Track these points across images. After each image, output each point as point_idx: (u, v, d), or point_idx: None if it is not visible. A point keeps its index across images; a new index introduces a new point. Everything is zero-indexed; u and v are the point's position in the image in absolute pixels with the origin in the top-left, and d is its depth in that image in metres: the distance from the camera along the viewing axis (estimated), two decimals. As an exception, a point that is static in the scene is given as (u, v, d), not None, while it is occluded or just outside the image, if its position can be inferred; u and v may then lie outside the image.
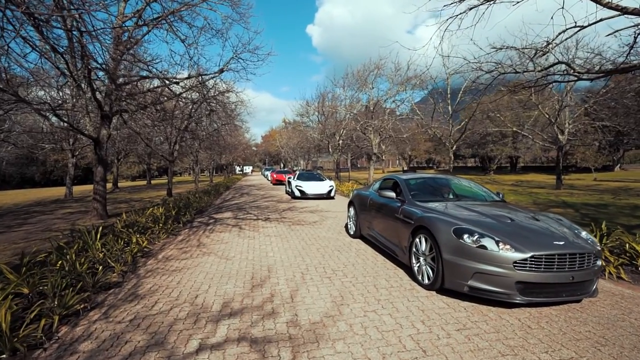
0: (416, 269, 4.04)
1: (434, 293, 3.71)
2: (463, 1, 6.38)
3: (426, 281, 3.82)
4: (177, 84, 10.72)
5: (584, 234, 3.63)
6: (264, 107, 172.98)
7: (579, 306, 3.36)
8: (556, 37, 6.50)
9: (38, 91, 13.37)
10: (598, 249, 3.37)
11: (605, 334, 2.80)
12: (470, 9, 6.50)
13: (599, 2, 5.49)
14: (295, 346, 2.64)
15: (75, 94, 12.94)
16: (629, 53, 6.05)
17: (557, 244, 3.21)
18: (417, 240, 4.02)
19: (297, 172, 17.93)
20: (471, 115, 17.44)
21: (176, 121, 15.54)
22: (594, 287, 3.28)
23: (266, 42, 58.62)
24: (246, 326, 2.99)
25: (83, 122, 15.45)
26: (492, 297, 3.21)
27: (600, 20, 5.83)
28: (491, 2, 6.36)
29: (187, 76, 10.66)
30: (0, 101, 8.14)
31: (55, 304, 3.26)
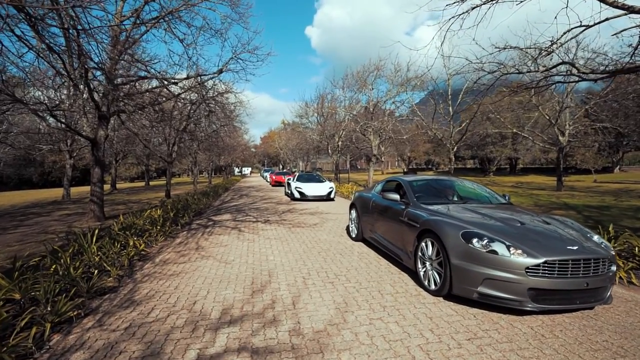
0: (422, 274, 3.91)
1: (441, 299, 3.58)
2: (465, 1, 6.30)
3: (433, 287, 3.68)
4: (176, 84, 10.62)
5: (596, 237, 3.50)
6: (263, 109, 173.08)
7: (593, 313, 3.23)
8: (561, 37, 6.41)
9: (35, 92, 13.22)
10: (612, 253, 3.25)
11: (623, 344, 2.67)
12: (472, 9, 6.41)
13: (604, 1, 5.41)
14: (298, 357, 2.51)
15: (72, 94, 12.83)
16: (633, 53, 5.97)
17: (571, 248, 3.09)
18: (423, 244, 3.89)
19: (297, 174, 17.79)
20: (472, 117, 17.34)
21: (175, 122, 15.42)
22: (608, 294, 3.16)
23: (265, 42, 58.65)
24: (247, 335, 2.86)
25: (80, 123, 15.35)
26: (502, 304, 3.09)
27: (606, 20, 5.75)
28: (493, 1, 6.28)
29: (185, 77, 10.55)
30: (-3, 102, 8.01)
31: (48, 311, 3.13)
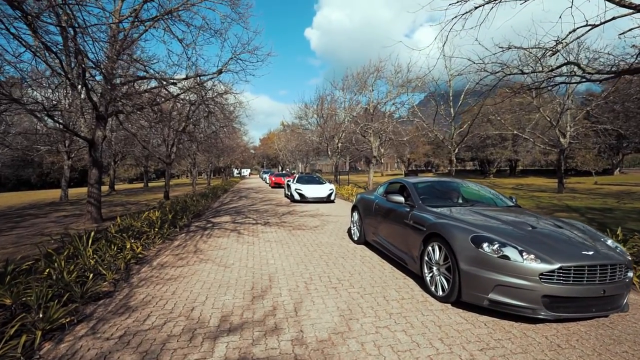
0: (429, 279, 3.77)
1: (449, 306, 3.44)
2: (468, 0, 6.20)
3: (440, 293, 3.54)
4: (175, 84, 10.50)
5: (610, 241, 3.37)
6: (262, 110, 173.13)
7: (609, 321, 3.10)
8: (567, 36, 6.31)
9: (32, 92, 13.09)
10: (629, 259, 3.11)
11: (644, 355, 2.54)
12: (475, 9, 6.31)
13: (611, 0, 5.31)
14: (302, 369, 2.37)
15: (69, 94, 12.69)
16: (639, 54, 5.88)
17: (586, 254, 2.95)
18: (430, 248, 3.75)
19: (297, 175, 17.64)
20: (474, 118, 17.24)
21: (173, 123, 15.30)
22: (624, 301, 3.02)
23: (265, 43, 58.60)
24: (247, 344, 2.72)
25: (78, 123, 15.20)
26: (515, 311, 2.95)
27: (612, 19, 5.66)
28: (496, 1, 6.17)
29: (185, 77, 10.44)
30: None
31: (39, 317, 2.99)
